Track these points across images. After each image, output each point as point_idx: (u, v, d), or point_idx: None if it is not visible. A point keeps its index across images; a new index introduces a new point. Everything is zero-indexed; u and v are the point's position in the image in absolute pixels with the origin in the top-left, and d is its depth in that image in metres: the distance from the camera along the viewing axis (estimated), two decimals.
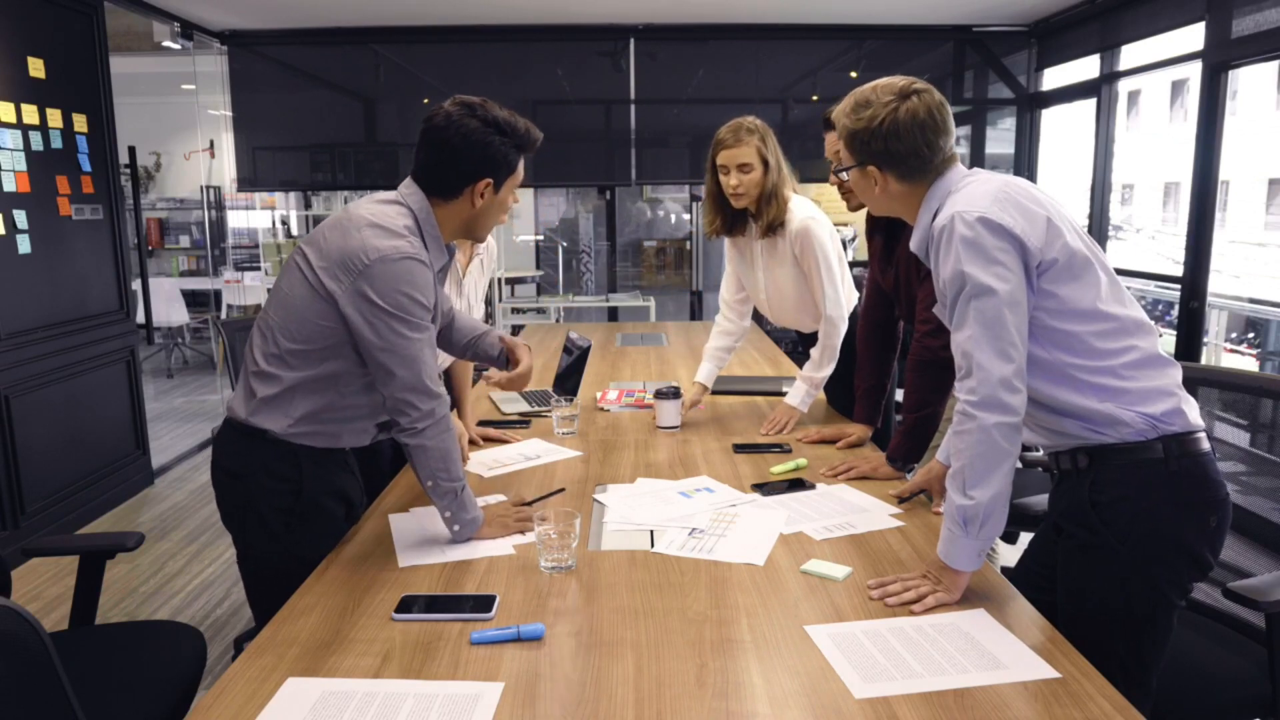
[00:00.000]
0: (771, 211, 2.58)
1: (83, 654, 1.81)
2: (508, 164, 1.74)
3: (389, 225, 1.67)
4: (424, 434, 1.69)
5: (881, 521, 1.84)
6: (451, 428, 1.75)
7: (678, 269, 8.59)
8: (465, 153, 1.69)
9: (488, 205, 1.76)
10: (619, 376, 3.27)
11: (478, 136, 1.69)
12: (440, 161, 1.72)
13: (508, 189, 1.78)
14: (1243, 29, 3.83)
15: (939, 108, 1.56)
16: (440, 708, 1.20)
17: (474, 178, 1.72)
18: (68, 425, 4.06)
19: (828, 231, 2.63)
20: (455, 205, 1.75)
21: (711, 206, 2.71)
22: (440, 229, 1.77)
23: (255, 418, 1.75)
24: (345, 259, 1.65)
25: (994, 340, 1.44)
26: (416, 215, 1.73)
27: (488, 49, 5.91)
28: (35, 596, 3.36)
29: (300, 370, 1.72)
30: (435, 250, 1.76)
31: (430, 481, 1.71)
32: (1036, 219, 1.48)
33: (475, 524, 1.76)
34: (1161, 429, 1.50)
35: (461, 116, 1.69)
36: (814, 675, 1.27)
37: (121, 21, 5.21)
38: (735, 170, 2.54)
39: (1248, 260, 15.99)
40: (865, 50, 6.02)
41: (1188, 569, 1.53)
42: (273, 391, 1.73)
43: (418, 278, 1.66)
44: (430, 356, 1.72)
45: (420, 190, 1.74)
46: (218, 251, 9.22)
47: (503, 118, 1.72)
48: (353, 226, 1.68)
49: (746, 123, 2.55)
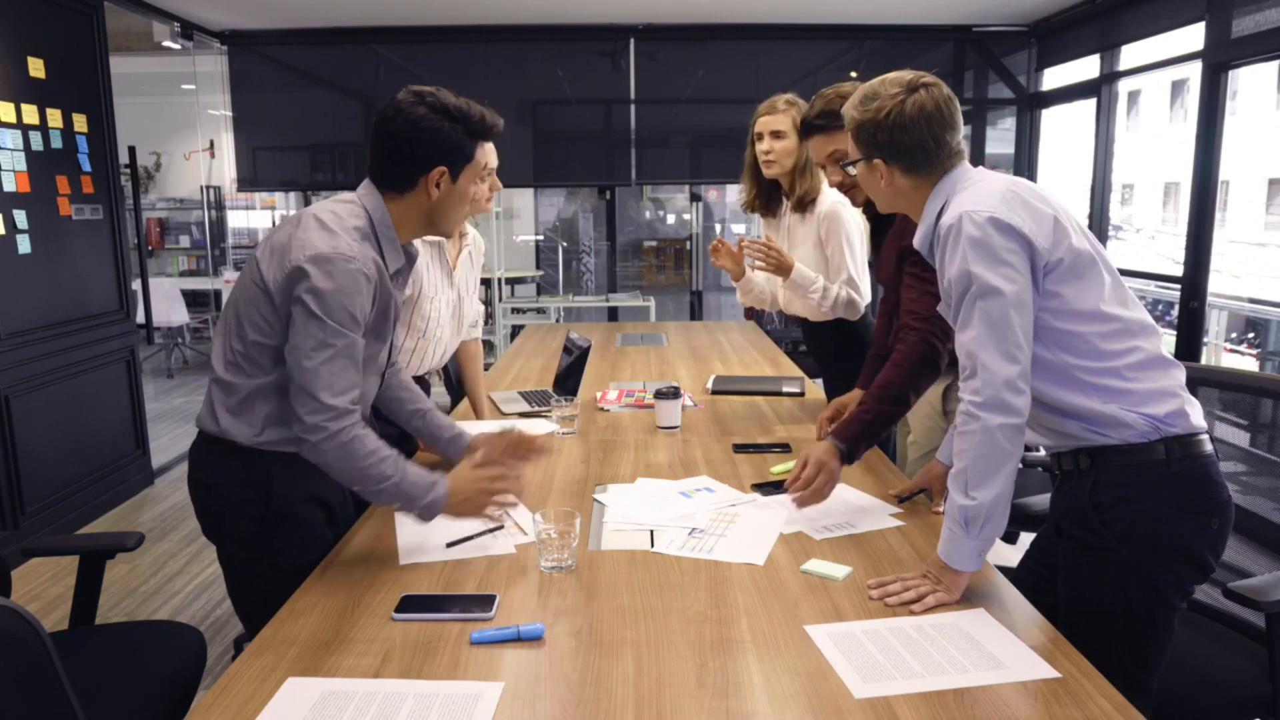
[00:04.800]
0: (804, 184, 2.67)
1: (83, 654, 1.81)
2: (462, 152, 1.67)
3: (333, 225, 1.62)
4: (317, 448, 1.59)
5: (881, 521, 1.84)
6: (362, 442, 1.61)
7: (678, 269, 8.59)
8: (415, 141, 1.63)
9: (446, 196, 1.69)
10: (619, 376, 3.27)
11: (427, 123, 1.62)
12: (391, 152, 1.65)
13: (467, 178, 1.70)
14: (1243, 29, 3.83)
15: (947, 102, 1.56)
16: (440, 708, 1.20)
17: (426, 167, 1.65)
18: (68, 425, 4.06)
19: (855, 220, 2.69)
20: (411, 199, 1.68)
21: (748, 178, 2.85)
22: (397, 229, 1.70)
23: (221, 427, 1.69)
24: (285, 252, 1.60)
25: (999, 341, 1.44)
26: (371, 215, 1.67)
27: (488, 49, 5.91)
28: (35, 596, 3.36)
29: (256, 377, 1.66)
30: (391, 253, 1.70)
31: (355, 488, 1.63)
32: (1044, 219, 1.48)
33: (435, 505, 1.65)
34: (1164, 430, 1.49)
35: (410, 105, 1.63)
36: (814, 675, 1.27)
37: (121, 21, 5.21)
38: (769, 136, 2.67)
39: (1248, 260, 15.98)
40: (865, 50, 6.02)
41: (1189, 571, 1.53)
42: (234, 400, 1.68)
43: (346, 281, 1.58)
44: (340, 371, 1.60)
45: (375, 189, 1.69)
46: (218, 251, 9.22)
47: (454, 104, 1.65)
48: (300, 225, 1.63)
49: (785, 96, 2.77)
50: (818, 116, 2.27)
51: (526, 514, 1.88)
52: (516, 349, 3.95)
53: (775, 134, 2.67)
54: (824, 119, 2.25)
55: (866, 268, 2.79)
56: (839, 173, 2.23)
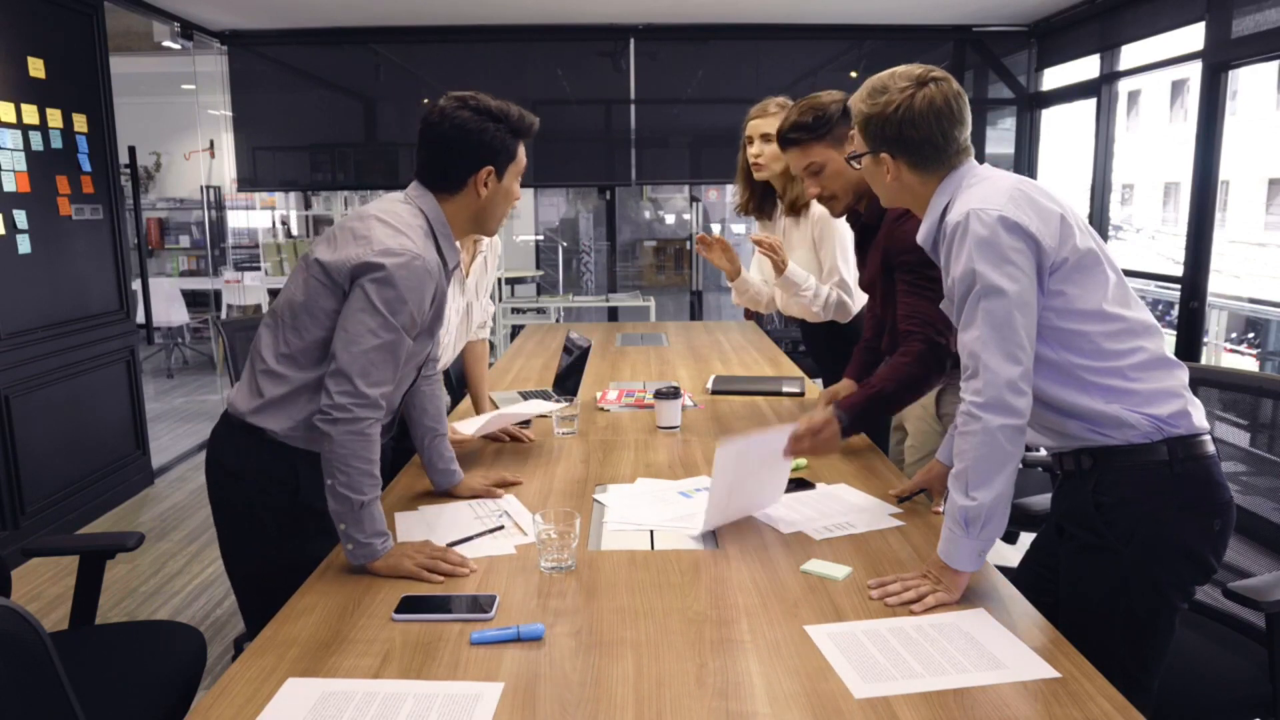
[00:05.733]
0: (796, 188, 2.66)
1: (83, 654, 1.81)
2: (506, 150, 1.75)
3: (397, 223, 1.68)
4: (334, 424, 1.60)
5: (881, 521, 1.84)
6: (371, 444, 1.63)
7: (677, 269, 8.59)
8: (462, 144, 1.71)
9: (493, 195, 1.76)
10: (619, 376, 3.27)
11: (473, 125, 1.70)
12: (440, 156, 1.73)
13: (511, 176, 1.78)
14: (1243, 29, 3.83)
15: (956, 97, 1.54)
16: (440, 708, 1.20)
17: (475, 167, 1.72)
18: (68, 425, 4.06)
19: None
20: (462, 199, 1.75)
21: (742, 181, 2.82)
22: (450, 227, 1.77)
23: (257, 417, 1.75)
24: (352, 246, 1.66)
25: (1002, 342, 1.44)
26: (428, 216, 1.74)
27: (488, 49, 5.91)
28: (35, 596, 3.36)
29: (309, 370, 1.72)
30: (449, 251, 1.78)
31: (329, 480, 1.63)
32: (1051, 217, 1.47)
33: (371, 552, 1.60)
34: (1167, 431, 1.49)
35: (455, 109, 1.70)
36: (814, 675, 1.27)
37: (121, 21, 5.21)
38: (759, 139, 2.64)
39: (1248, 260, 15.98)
40: (865, 50, 6.01)
41: (1190, 572, 1.53)
42: (280, 392, 1.73)
43: (414, 281, 1.64)
44: (381, 363, 1.63)
45: (427, 190, 1.75)
46: (218, 251, 9.21)
47: (495, 106, 1.73)
48: (363, 223, 1.69)
49: (777, 99, 2.70)
50: (791, 129, 2.22)
51: (527, 514, 1.88)
52: (516, 349, 3.95)
53: (765, 137, 2.66)
54: (797, 132, 2.20)
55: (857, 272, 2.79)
56: (816, 184, 2.22)
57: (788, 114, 2.26)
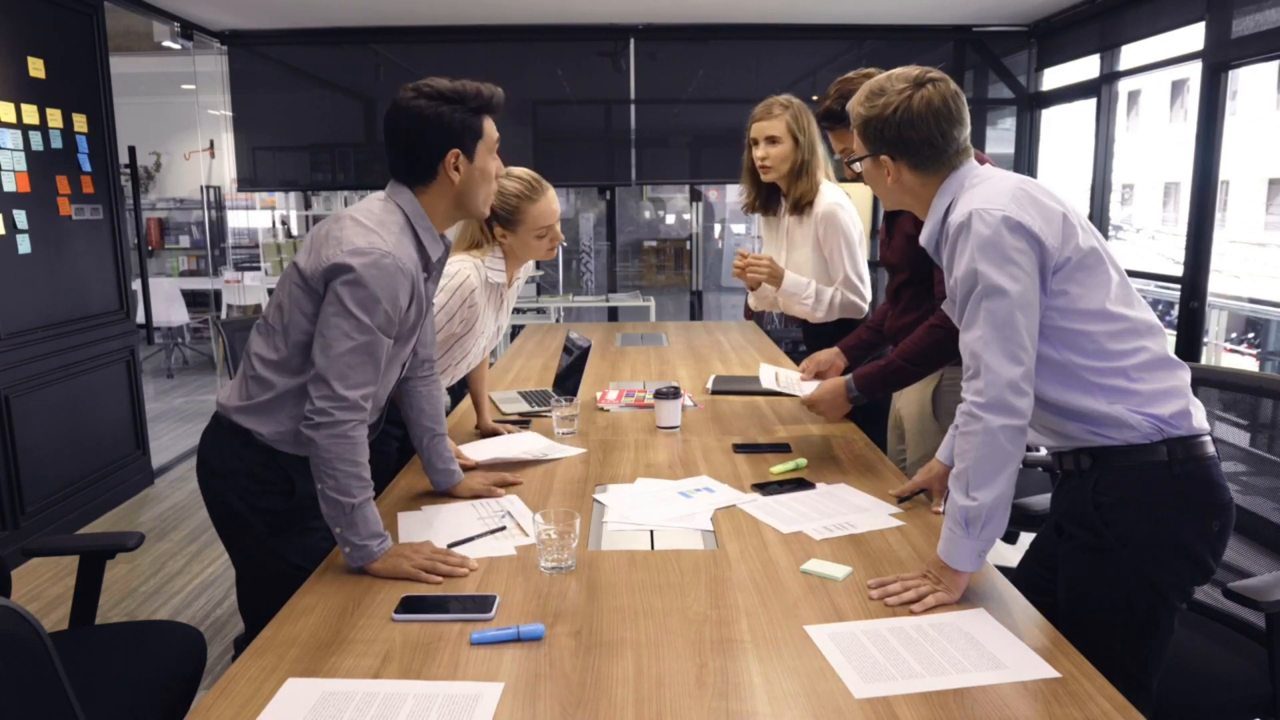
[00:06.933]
0: (800, 187, 2.66)
1: (83, 654, 1.81)
2: (470, 129, 1.70)
3: (371, 223, 1.66)
4: (317, 429, 1.60)
5: (881, 521, 1.84)
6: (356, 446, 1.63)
7: (678, 269, 8.59)
8: (422, 132, 1.68)
9: (468, 176, 1.73)
10: (619, 376, 3.27)
11: (429, 112, 1.66)
12: (404, 149, 1.70)
13: (483, 153, 1.74)
14: (1243, 29, 3.83)
15: (954, 97, 1.55)
16: (440, 708, 1.20)
17: (440, 153, 1.69)
18: (68, 425, 4.06)
19: (852, 219, 2.69)
20: (436, 188, 1.73)
21: (748, 180, 2.83)
22: (431, 219, 1.75)
23: (244, 417, 1.75)
24: (324, 248, 1.65)
25: (1004, 342, 1.43)
26: (405, 210, 1.72)
27: (488, 49, 5.91)
28: (35, 596, 3.36)
29: (294, 377, 1.71)
30: (431, 243, 1.75)
31: (319, 485, 1.63)
32: (1054, 217, 1.47)
33: (368, 554, 1.60)
34: (1167, 432, 1.49)
35: (410, 100, 1.68)
36: (814, 675, 1.27)
37: (121, 21, 5.21)
38: (764, 142, 2.65)
39: (1248, 260, 15.98)
40: (865, 50, 6.01)
41: (1189, 572, 1.53)
42: (267, 397, 1.73)
43: (384, 279, 1.62)
44: (359, 365, 1.63)
45: (402, 185, 1.73)
46: (218, 251, 9.21)
47: (449, 88, 1.69)
48: (337, 225, 1.68)
49: (780, 99, 2.69)
50: (823, 117, 2.31)
51: (527, 514, 1.88)
52: (516, 349, 3.95)
53: (770, 139, 2.66)
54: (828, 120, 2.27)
55: (866, 268, 2.79)
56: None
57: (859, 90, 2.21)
